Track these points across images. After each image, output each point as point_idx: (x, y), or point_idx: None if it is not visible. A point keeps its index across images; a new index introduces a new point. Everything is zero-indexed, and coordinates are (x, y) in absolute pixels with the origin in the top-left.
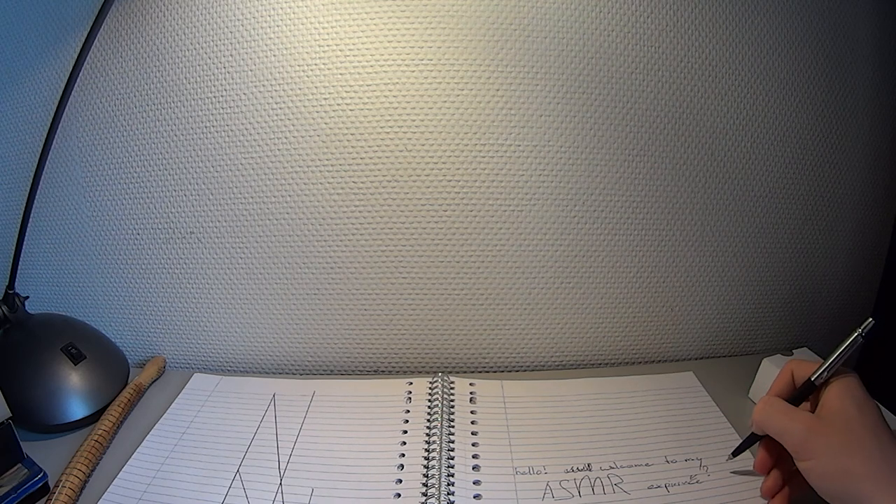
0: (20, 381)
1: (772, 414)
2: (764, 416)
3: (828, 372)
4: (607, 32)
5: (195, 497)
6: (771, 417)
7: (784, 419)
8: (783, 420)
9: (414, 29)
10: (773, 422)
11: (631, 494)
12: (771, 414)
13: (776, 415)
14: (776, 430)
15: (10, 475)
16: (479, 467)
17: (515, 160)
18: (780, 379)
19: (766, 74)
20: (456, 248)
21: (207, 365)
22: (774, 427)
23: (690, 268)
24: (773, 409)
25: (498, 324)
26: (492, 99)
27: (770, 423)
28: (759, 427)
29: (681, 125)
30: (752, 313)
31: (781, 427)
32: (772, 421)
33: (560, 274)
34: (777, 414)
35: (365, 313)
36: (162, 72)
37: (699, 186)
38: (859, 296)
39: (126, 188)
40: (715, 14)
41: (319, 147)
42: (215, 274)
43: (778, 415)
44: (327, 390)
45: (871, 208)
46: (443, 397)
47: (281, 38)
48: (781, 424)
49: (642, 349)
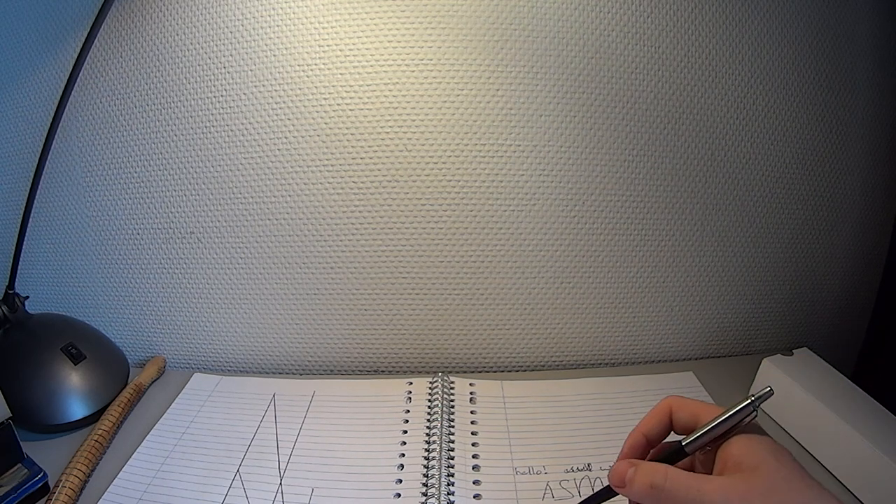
0: (20, 381)
1: (677, 488)
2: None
3: (706, 438)
4: (607, 32)
5: (195, 497)
6: (678, 487)
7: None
8: (690, 494)
9: (414, 29)
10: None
11: None
12: (676, 488)
13: (682, 489)
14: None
15: (10, 475)
16: (479, 467)
17: (515, 160)
18: (654, 416)
19: (766, 74)
20: (456, 248)
21: (207, 365)
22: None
23: (690, 268)
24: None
25: (498, 324)
26: (492, 99)
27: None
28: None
29: (681, 125)
30: (752, 313)
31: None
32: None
33: (560, 274)
34: (683, 487)
35: (365, 313)
36: (162, 72)
37: (699, 187)
38: (859, 296)
39: (126, 188)
40: (715, 14)
41: (319, 147)
42: (215, 274)
43: (684, 487)
44: (327, 390)
45: (871, 209)
46: (443, 397)
47: (281, 38)
48: (691, 495)
49: (642, 349)
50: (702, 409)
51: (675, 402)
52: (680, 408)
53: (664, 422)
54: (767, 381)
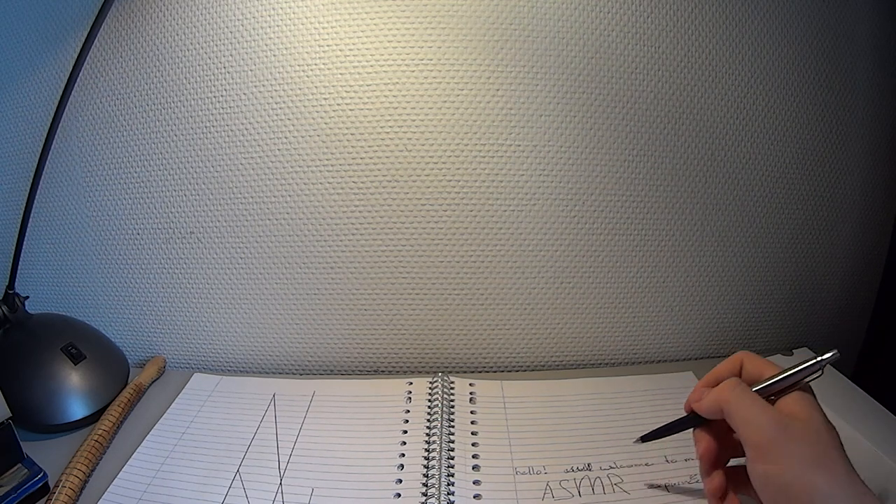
0: (20, 381)
1: (742, 399)
2: (732, 399)
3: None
4: (607, 32)
5: (195, 497)
6: (741, 402)
7: (755, 409)
8: (753, 410)
9: (414, 29)
10: (741, 408)
11: (631, 494)
12: (741, 398)
13: (747, 401)
14: (742, 418)
15: (10, 475)
16: (479, 467)
17: (515, 160)
18: (727, 364)
19: (766, 74)
20: (456, 248)
21: (207, 365)
22: (741, 414)
23: (690, 268)
24: (744, 394)
25: (498, 324)
26: (492, 99)
27: (737, 409)
28: (718, 409)
29: (681, 125)
30: (752, 313)
31: (750, 417)
32: (740, 406)
33: (560, 274)
34: (748, 400)
35: (365, 313)
36: (162, 72)
37: (699, 187)
38: (859, 296)
39: (126, 188)
40: (715, 14)
41: (319, 147)
42: (215, 274)
43: (749, 401)
44: (327, 390)
45: (871, 209)
46: (443, 397)
47: (281, 38)
48: (751, 414)
49: (642, 349)
50: (768, 367)
51: (747, 356)
52: (750, 361)
53: (735, 371)
54: None
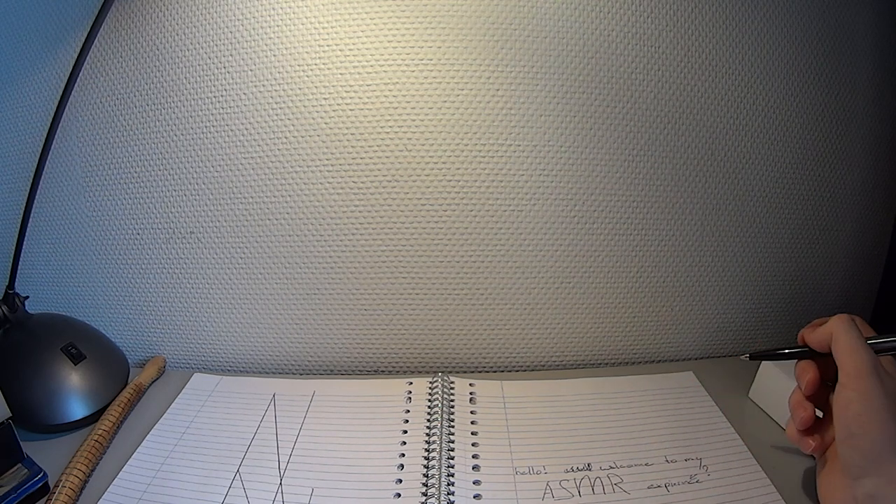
0: (20, 381)
1: (850, 330)
2: (843, 328)
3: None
4: (607, 32)
5: (195, 497)
6: (850, 333)
7: (860, 342)
8: (859, 342)
9: (414, 29)
10: (850, 338)
11: (631, 494)
12: (850, 330)
13: (854, 333)
14: (850, 344)
15: (10, 475)
16: (479, 467)
17: (515, 160)
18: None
19: (766, 74)
20: (456, 248)
21: (207, 365)
22: (850, 341)
23: (690, 268)
24: (852, 328)
25: (498, 324)
26: (492, 99)
27: (846, 338)
28: (829, 336)
29: (681, 125)
30: (752, 313)
31: (856, 346)
32: (850, 337)
33: (560, 274)
34: (856, 333)
35: (365, 313)
36: (162, 72)
37: (699, 186)
38: (859, 296)
39: (126, 188)
40: (715, 14)
41: (319, 147)
42: (215, 274)
43: (856, 335)
44: (327, 390)
45: (871, 208)
46: (443, 397)
47: (281, 38)
48: (856, 345)
49: (642, 349)
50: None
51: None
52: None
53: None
54: (767, 381)
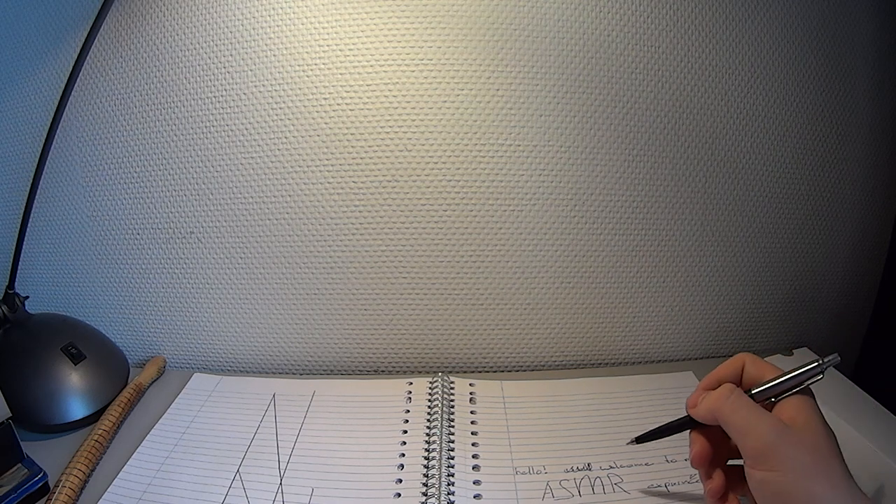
0: (20, 381)
1: (737, 407)
2: (726, 407)
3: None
4: (607, 32)
5: (195, 497)
6: (736, 411)
7: (751, 417)
8: (750, 418)
9: (414, 29)
10: (736, 417)
11: (631, 494)
12: (736, 407)
13: (742, 409)
14: (737, 426)
15: (10, 475)
16: (479, 467)
17: (515, 160)
18: (729, 366)
19: (766, 74)
20: (456, 248)
21: (207, 365)
22: (736, 423)
23: (690, 268)
24: (738, 402)
25: (498, 324)
26: (492, 99)
27: (732, 418)
28: (713, 416)
29: (681, 125)
30: (752, 313)
31: (746, 425)
32: (735, 416)
33: (560, 274)
34: (744, 408)
35: (365, 313)
36: (162, 72)
37: (699, 186)
38: (859, 296)
39: (126, 188)
40: (715, 14)
41: (319, 147)
42: (215, 274)
43: (745, 409)
44: (327, 390)
45: (871, 208)
46: (443, 397)
47: (281, 38)
48: (746, 422)
49: (642, 349)
50: (769, 369)
51: (749, 358)
52: (752, 363)
53: (736, 373)
54: None
